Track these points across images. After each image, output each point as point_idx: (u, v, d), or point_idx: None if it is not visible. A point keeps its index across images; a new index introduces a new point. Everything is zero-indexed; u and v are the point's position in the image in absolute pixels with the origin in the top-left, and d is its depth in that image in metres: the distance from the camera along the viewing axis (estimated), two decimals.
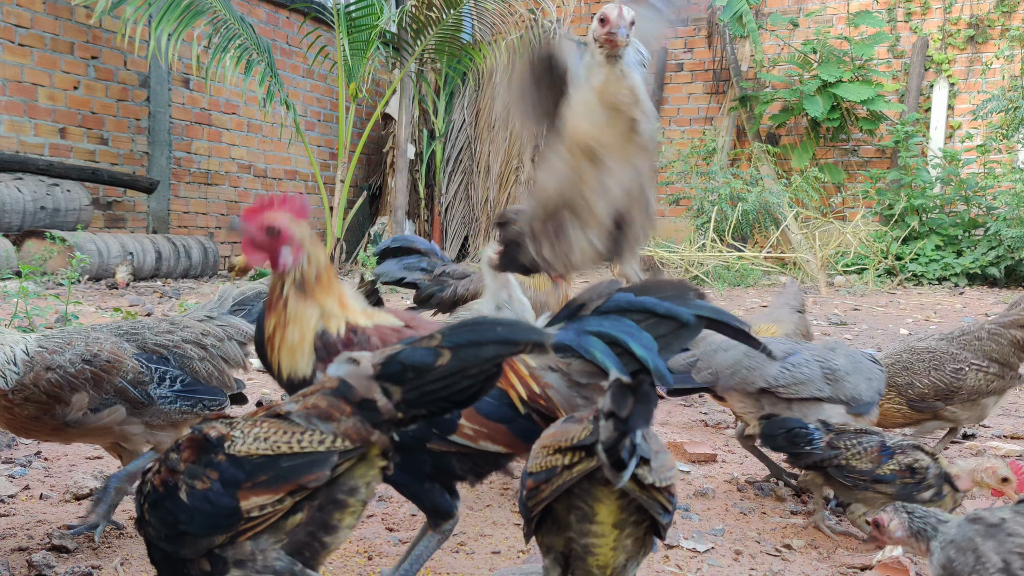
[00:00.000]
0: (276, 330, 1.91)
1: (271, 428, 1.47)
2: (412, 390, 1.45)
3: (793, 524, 2.58)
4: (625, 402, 1.37)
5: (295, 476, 1.42)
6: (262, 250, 1.94)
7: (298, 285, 1.92)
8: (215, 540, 1.44)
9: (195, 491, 1.44)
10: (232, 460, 1.44)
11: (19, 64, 8.80)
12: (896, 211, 11.35)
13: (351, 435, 1.45)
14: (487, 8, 10.37)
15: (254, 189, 11.84)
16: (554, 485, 1.47)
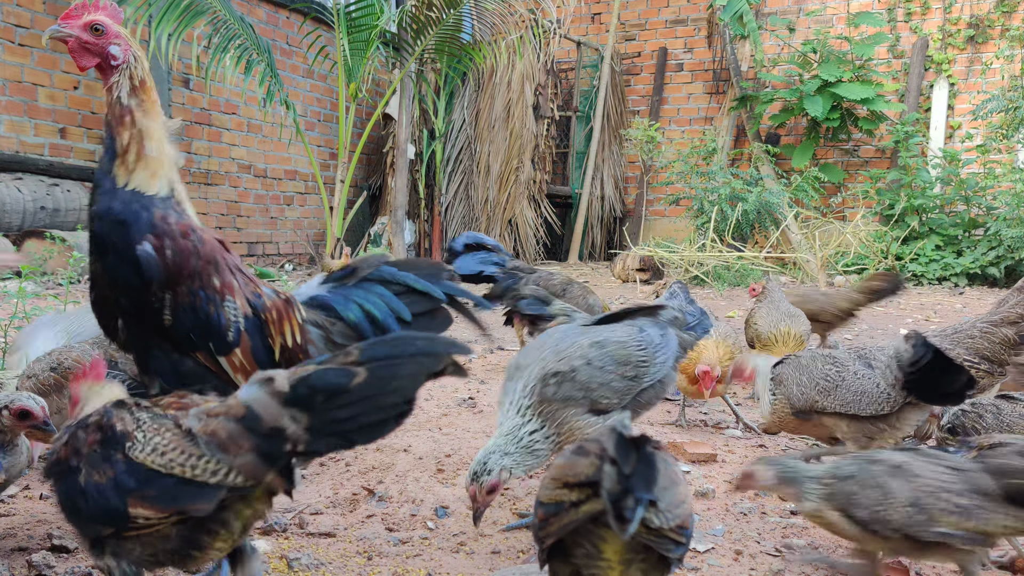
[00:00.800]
0: (131, 144, 1.87)
1: (171, 443, 1.43)
2: (320, 416, 1.37)
3: (793, 524, 2.58)
4: (627, 455, 1.34)
5: (182, 501, 1.40)
6: (91, 52, 1.92)
7: (133, 89, 1.91)
8: (103, 531, 1.46)
9: (91, 481, 1.44)
10: (129, 464, 1.43)
11: (19, 64, 8.80)
12: (896, 211, 11.34)
13: (245, 471, 1.40)
14: (487, 8, 10.36)
15: (254, 189, 11.83)
16: (562, 522, 1.45)
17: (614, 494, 1.31)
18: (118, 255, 1.84)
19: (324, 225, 12.11)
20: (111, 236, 1.84)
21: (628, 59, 15.71)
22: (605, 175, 14.91)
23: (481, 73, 13.21)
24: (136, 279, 1.83)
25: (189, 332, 1.89)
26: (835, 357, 2.86)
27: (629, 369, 2.34)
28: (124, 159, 1.87)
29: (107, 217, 1.85)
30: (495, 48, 10.84)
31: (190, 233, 1.91)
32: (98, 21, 1.92)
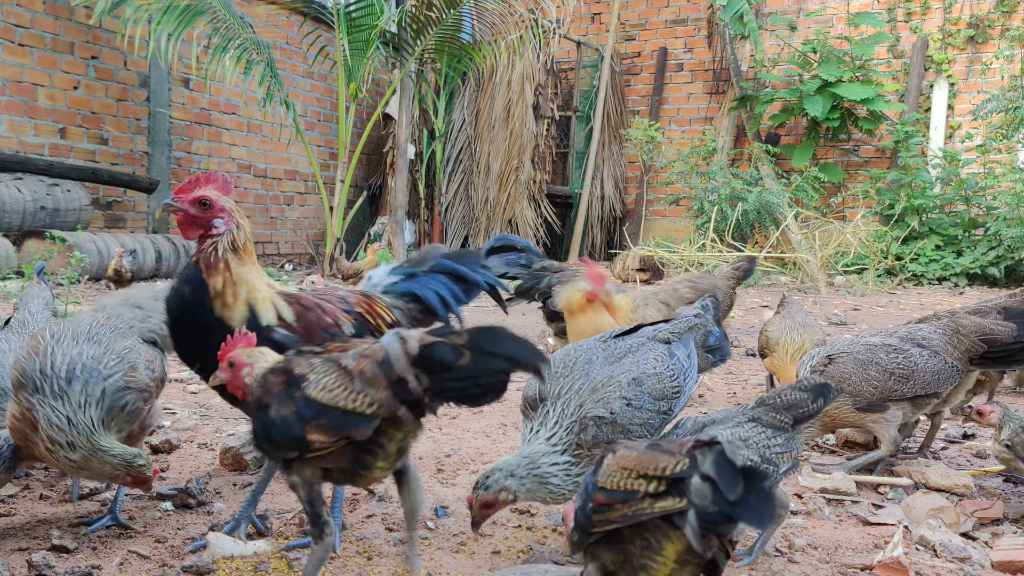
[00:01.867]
0: (227, 287, 2.14)
1: (336, 381, 1.73)
2: (437, 381, 1.65)
3: (793, 524, 2.58)
4: (733, 482, 1.37)
5: (346, 428, 1.70)
6: (196, 224, 2.15)
7: (232, 249, 2.16)
8: (290, 454, 1.77)
9: (280, 413, 1.75)
10: (305, 400, 1.73)
11: (19, 64, 8.80)
12: (896, 211, 11.35)
13: (384, 404, 1.69)
14: (487, 8, 10.37)
15: (254, 189, 11.84)
16: (631, 509, 1.50)
17: (708, 512, 1.40)
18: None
19: (324, 225, 12.11)
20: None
21: (628, 59, 15.71)
22: (605, 175, 14.91)
23: (481, 73, 13.22)
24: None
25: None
26: (892, 345, 2.89)
27: (664, 403, 2.33)
28: (224, 301, 2.15)
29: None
30: (495, 48, 10.85)
31: (295, 304, 2.24)
32: (206, 197, 2.14)
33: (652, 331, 2.60)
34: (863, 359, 2.87)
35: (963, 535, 2.46)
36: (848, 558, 2.31)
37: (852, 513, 2.67)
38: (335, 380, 1.74)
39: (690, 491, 1.40)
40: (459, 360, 1.62)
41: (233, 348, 1.94)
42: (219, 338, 2.02)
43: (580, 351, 2.44)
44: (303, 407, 1.73)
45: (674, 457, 1.48)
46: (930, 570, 2.23)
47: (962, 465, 3.18)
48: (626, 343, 2.49)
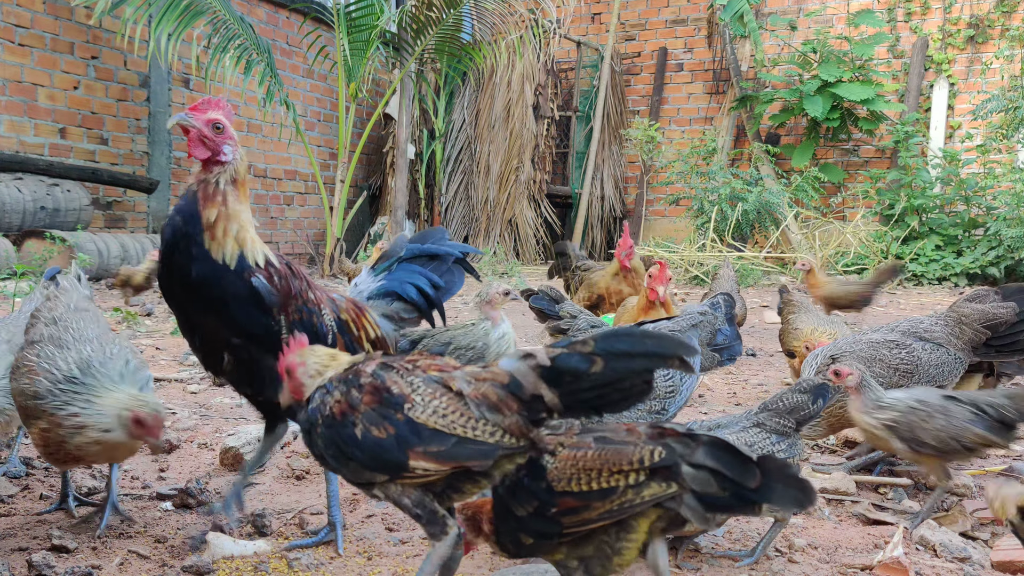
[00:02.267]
0: (219, 221, 2.07)
1: (449, 405, 1.61)
2: (568, 391, 1.56)
3: (793, 524, 2.58)
4: (747, 472, 1.51)
5: (463, 458, 1.58)
6: (207, 146, 2.09)
7: (232, 181, 2.11)
8: (377, 478, 1.64)
9: (370, 435, 1.61)
10: (410, 423, 1.60)
11: (19, 64, 8.80)
12: (896, 211, 11.34)
13: (514, 431, 1.58)
14: (487, 8, 10.36)
15: (254, 189, 11.83)
16: (615, 504, 1.56)
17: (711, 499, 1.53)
18: (238, 301, 2.07)
19: (324, 225, 12.11)
20: (226, 288, 2.06)
21: (628, 59, 15.71)
22: (605, 175, 14.91)
23: (481, 73, 13.22)
24: (258, 311, 2.09)
25: None
26: (894, 341, 2.90)
27: (656, 403, 2.31)
28: (212, 233, 2.07)
29: (214, 274, 2.06)
30: (495, 48, 10.84)
31: (281, 258, 2.23)
32: (220, 121, 2.11)
33: (652, 329, 2.59)
34: (866, 356, 2.87)
35: (963, 535, 2.46)
36: (848, 558, 2.31)
37: (852, 513, 2.67)
38: (447, 404, 1.61)
39: (683, 479, 1.52)
40: (591, 368, 1.53)
41: (288, 354, 1.81)
42: (202, 271, 2.02)
43: None
44: (407, 431, 1.60)
45: (639, 447, 1.57)
46: (930, 570, 2.23)
47: (962, 465, 3.18)
48: None
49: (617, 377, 1.53)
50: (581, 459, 1.61)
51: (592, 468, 1.59)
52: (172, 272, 2.08)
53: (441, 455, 1.58)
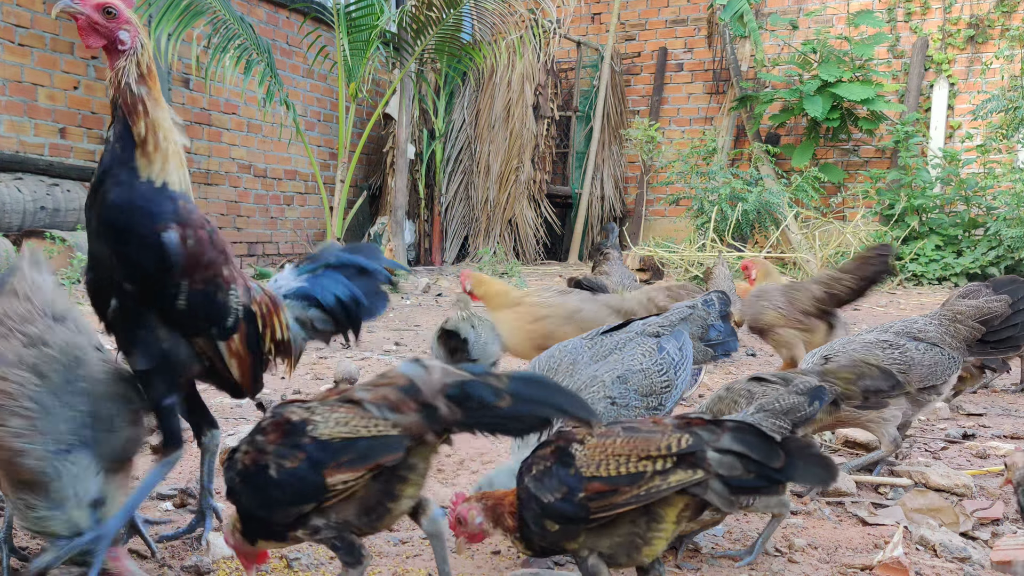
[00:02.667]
0: (148, 135, 1.91)
1: (348, 413, 1.67)
2: (470, 416, 1.64)
3: (793, 524, 2.58)
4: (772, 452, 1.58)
5: (375, 456, 1.63)
6: (100, 34, 1.96)
7: (141, 77, 1.94)
8: (304, 508, 1.67)
9: (284, 469, 1.64)
10: (317, 442, 1.64)
11: (19, 64, 8.80)
12: (896, 211, 11.35)
13: (412, 429, 1.65)
14: (487, 8, 10.36)
15: (254, 189, 11.83)
16: (643, 488, 1.62)
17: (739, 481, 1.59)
18: (140, 243, 1.89)
19: (324, 225, 12.10)
20: (134, 225, 1.89)
21: (628, 59, 15.71)
22: (605, 175, 14.92)
23: (481, 73, 13.21)
24: (158, 266, 1.90)
25: (197, 317, 1.99)
26: (887, 341, 2.90)
27: (653, 399, 2.32)
28: (144, 150, 1.91)
29: (130, 206, 1.89)
30: (495, 48, 10.84)
31: (206, 224, 2.01)
32: (111, 4, 1.96)
33: (641, 325, 2.59)
34: (859, 357, 2.87)
35: (963, 535, 2.46)
36: (848, 558, 2.31)
37: (852, 513, 2.67)
38: (347, 413, 1.67)
39: (709, 464, 1.60)
40: (498, 402, 1.62)
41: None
42: (121, 195, 1.86)
43: (565, 351, 2.42)
44: (316, 452, 1.63)
45: (666, 435, 1.65)
46: (930, 570, 2.23)
47: (962, 465, 3.18)
48: (613, 339, 2.48)
49: (519, 415, 1.63)
50: (610, 446, 1.69)
51: (621, 454, 1.66)
52: (95, 199, 1.92)
53: (353, 461, 1.63)
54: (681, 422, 1.72)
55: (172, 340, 1.99)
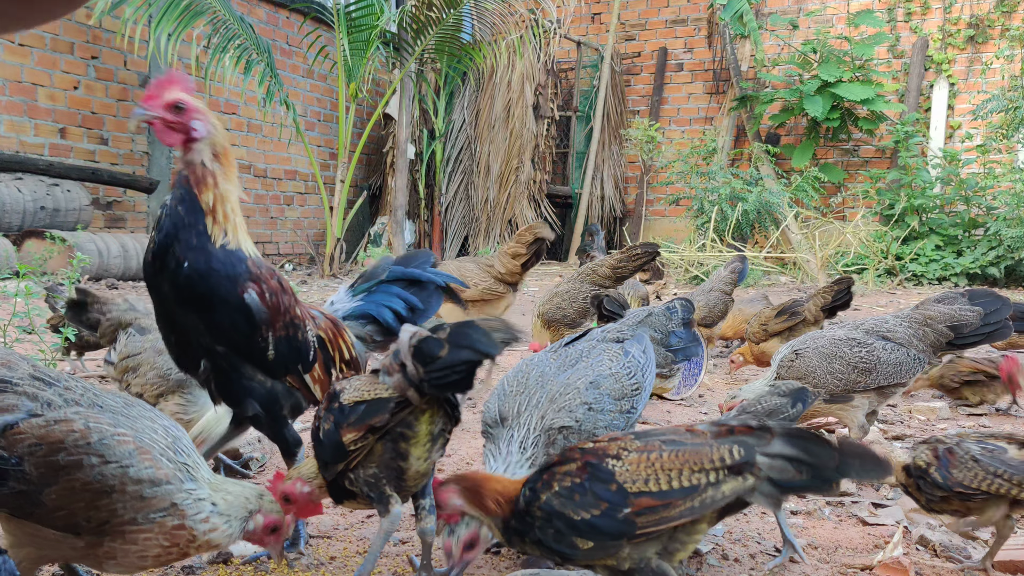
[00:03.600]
0: (217, 204, 2.02)
1: (365, 382, 1.93)
2: (428, 371, 1.77)
3: (793, 524, 2.58)
4: (828, 454, 1.62)
5: (368, 418, 1.86)
6: (176, 130, 2.01)
7: (215, 156, 2.05)
8: (338, 467, 1.91)
9: (325, 430, 1.92)
10: (340, 407, 1.90)
11: (19, 64, 8.80)
12: (896, 211, 11.35)
13: (398, 388, 1.83)
14: (487, 8, 10.36)
15: (254, 189, 11.83)
16: (697, 500, 1.64)
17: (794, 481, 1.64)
18: (226, 307, 2.01)
19: (324, 225, 12.10)
20: (217, 291, 1.99)
21: (628, 59, 15.71)
22: (605, 175, 14.91)
23: (481, 73, 13.21)
24: (246, 325, 2.04)
25: (285, 361, 2.15)
26: (855, 339, 2.96)
27: (625, 402, 2.32)
28: (215, 218, 2.02)
29: (210, 273, 1.98)
30: (495, 48, 10.85)
31: (274, 274, 2.14)
32: (179, 100, 2.00)
33: (601, 332, 2.61)
34: (827, 353, 2.94)
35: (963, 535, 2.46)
36: (848, 558, 2.31)
37: (852, 513, 2.67)
38: (364, 382, 1.93)
39: (758, 469, 1.64)
40: (440, 352, 1.75)
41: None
42: (198, 262, 1.95)
43: (532, 365, 2.42)
44: (337, 413, 1.89)
45: (716, 447, 1.68)
46: (930, 570, 2.23)
47: None
48: (576, 348, 2.48)
49: (452, 363, 1.75)
50: (656, 460, 1.69)
51: (672, 468, 1.67)
52: (165, 264, 1.97)
53: (355, 422, 1.86)
54: (723, 430, 1.72)
55: (267, 384, 2.16)
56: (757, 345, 4.63)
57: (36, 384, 1.70)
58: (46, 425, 1.62)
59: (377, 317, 2.49)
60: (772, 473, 1.64)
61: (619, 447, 1.73)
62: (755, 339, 4.64)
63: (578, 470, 1.72)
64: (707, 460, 1.65)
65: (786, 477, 1.63)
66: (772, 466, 1.64)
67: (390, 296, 2.53)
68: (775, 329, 4.54)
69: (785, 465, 1.64)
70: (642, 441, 1.74)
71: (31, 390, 1.68)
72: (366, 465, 1.91)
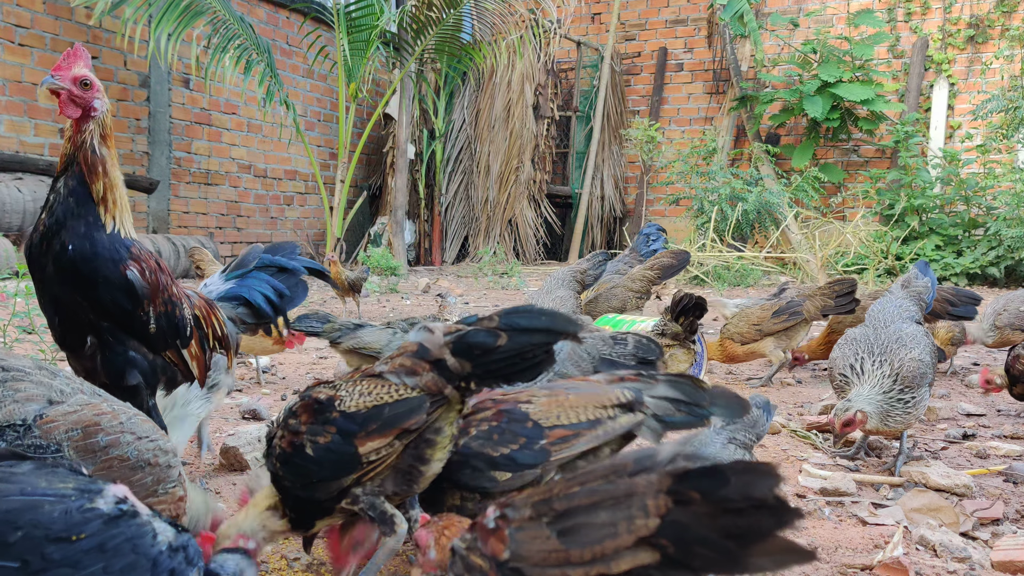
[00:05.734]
0: (107, 193, 2.16)
1: (371, 385, 1.76)
2: (478, 364, 1.70)
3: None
4: (701, 395, 1.93)
5: (400, 421, 1.72)
6: (78, 104, 2.12)
7: (103, 138, 2.17)
8: (344, 482, 1.76)
9: (319, 445, 1.74)
10: (344, 415, 1.74)
11: (19, 64, 8.80)
12: (896, 211, 11.35)
13: (431, 387, 1.72)
14: (487, 8, 10.36)
15: (254, 189, 11.83)
16: (598, 431, 1.87)
17: (674, 418, 1.94)
18: (109, 286, 2.13)
19: (324, 225, 12.11)
20: (102, 271, 2.12)
21: (628, 59, 15.71)
22: (605, 175, 14.91)
23: (481, 73, 13.22)
24: (128, 301, 2.16)
25: (165, 335, 2.27)
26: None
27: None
28: (105, 207, 2.16)
29: (95, 256, 2.11)
30: (495, 48, 10.84)
31: (153, 256, 2.28)
32: (85, 76, 2.13)
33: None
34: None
35: (963, 535, 2.46)
36: (848, 558, 2.31)
37: (852, 513, 2.67)
38: (369, 385, 1.77)
39: (646, 407, 1.90)
40: (497, 342, 1.67)
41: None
42: (82, 248, 2.05)
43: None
44: (345, 423, 1.73)
45: (612, 391, 1.92)
46: (930, 570, 2.23)
47: (962, 465, 3.18)
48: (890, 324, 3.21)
49: (520, 349, 1.68)
50: (564, 401, 1.93)
51: (578, 406, 1.91)
52: (51, 247, 2.09)
53: (380, 428, 1.72)
54: (615, 378, 1.99)
55: (149, 357, 2.27)
56: (743, 345, 4.57)
57: (45, 374, 1.77)
58: (77, 410, 1.70)
59: (249, 299, 2.65)
60: (657, 411, 1.90)
61: (528, 395, 1.96)
62: (742, 339, 4.58)
63: (494, 415, 1.90)
64: (606, 399, 1.90)
65: (668, 414, 1.90)
66: (657, 405, 1.91)
67: (260, 282, 2.70)
68: (771, 329, 4.52)
69: (667, 405, 1.91)
70: (548, 390, 1.98)
71: (45, 380, 1.75)
72: (376, 477, 1.78)
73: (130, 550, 1.30)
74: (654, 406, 1.91)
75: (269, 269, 2.74)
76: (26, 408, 1.67)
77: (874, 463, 3.21)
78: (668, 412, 1.91)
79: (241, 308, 2.66)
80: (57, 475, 1.35)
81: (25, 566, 1.20)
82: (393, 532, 1.81)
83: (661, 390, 1.93)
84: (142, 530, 1.33)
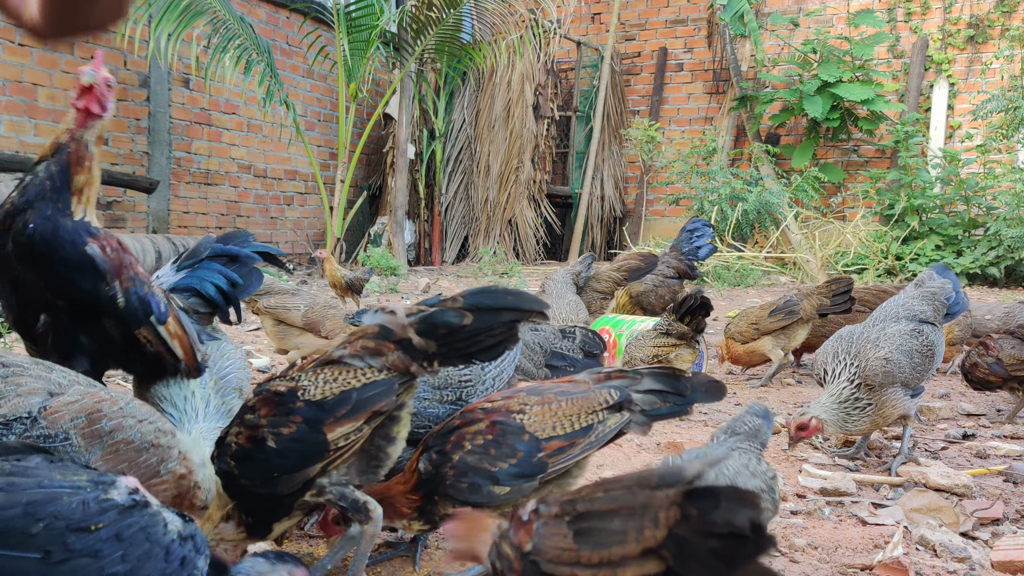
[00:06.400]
0: (86, 187, 2.17)
1: (334, 372, 1.75)
2: (443, 344, 1.72)
3: (793, 524, 2.58)
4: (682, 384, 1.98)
5: (371, 404, 1.72)
6: (101, 104, 2.18)
7: (98, 139, 2.19)
8: (310, 472, 1.73)
9: (282, 437, 1.71)
10: (310, 403, 1.72)
11: (19, 64, 8.80)
12: (896, 211, 11.35)
13: (398, 366, 1.74)
14: (487, 8, 10.36)
15: (254, 189, 11.83)
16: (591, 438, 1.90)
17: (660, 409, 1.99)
18: (67, 265, 2.13)
19: (324, 225, 12.11)
20: (61, 250, 2.13)
21: (628, 59, 15.71)
22: (605, 175, 14.91)
23: (481, 73, 13.22)
24: (90, 278, 2.16)
25: (136, 310, 2.26)
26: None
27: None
28: (79, 198, 2.18)
29: (55, 236, 2.12)
30: (495, 48, 10.85)
31: (115, 238, 2.31)
32: (110, 79, 2.20)
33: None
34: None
35: (963, 535, 2.46)
36: (848, 558, 2.31)
37: (852, 513, 2.67)
38: (332, 371, 1.75)
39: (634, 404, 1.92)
40: (463, 322, 1.70)
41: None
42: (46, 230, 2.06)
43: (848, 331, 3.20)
44: (311, 411, 1.71)
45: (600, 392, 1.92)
46: (930, 570, 2.23)
47: (962, 465, 3.18)
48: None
49: (486, 328, 1.72)
50: (557, 410, 1.90)
51: (571, 414, 1.89)
52: (12, 224, 2.11)
53: (350, 412, 1.71)
54: (601, 376, 1.98)
55: (99, 338, 2.26)
56: (743, 345, 4.59)
57: (42, 368, 1.83)
58: (78, 399, 1.75)
59: (200, 290, 2.64)
60: (644, 406, 1.92)
61: (519, 403, 1.91)
62: (742, 338, 4.60)
63: (488, 428, 1.87)
64: (596, 403, 1.89)
65: (655, 407, 1.93)
66: (644, 400, 1.93)
67: (212, 272, 2.69)
68: (768, 328, 4.52)
69: (654, 398, 1.94)
70: (537, 396, 1.92)
71: (43, 374, 1.81)
72: (342, 464, 1.78)
73: (144, 539, 1.34)
74: (641, 401, 1.93)
75: (221, 259, 2.74)
76: (29, 401, 1.71)
77: (874, 463, 3.21)
78: (654, 405, 1.94)
79: (193, 299, 2.65)
80: (68, 468, 1.39)
81: (47, 556, 1.24)
82: (369, 519, 1.80)
83: (647, 384, 1.96)
84: (154, 519, 1.37)
